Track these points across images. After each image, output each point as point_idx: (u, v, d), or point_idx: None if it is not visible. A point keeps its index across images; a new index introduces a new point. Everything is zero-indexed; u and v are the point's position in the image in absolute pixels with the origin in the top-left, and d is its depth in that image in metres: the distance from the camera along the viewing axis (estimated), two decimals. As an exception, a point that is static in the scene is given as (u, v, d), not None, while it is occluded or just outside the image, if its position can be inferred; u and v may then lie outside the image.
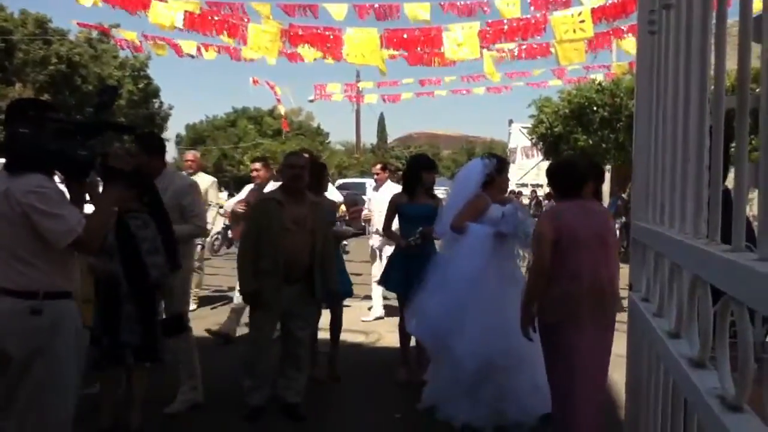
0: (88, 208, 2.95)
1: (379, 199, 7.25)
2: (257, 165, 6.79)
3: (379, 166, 7.98)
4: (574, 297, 3.54)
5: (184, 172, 6.55)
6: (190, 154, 7.72)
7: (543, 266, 3.58)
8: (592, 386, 3.54)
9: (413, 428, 4.43)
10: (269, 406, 4.56)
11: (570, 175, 3.80)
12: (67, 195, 2.87)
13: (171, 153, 46.01)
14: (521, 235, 4.44)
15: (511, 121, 37.56)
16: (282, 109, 22.08)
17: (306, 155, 5.20)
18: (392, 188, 6.96)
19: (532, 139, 22.07)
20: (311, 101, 19.60)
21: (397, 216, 5.46)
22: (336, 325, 5.57)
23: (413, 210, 5.29)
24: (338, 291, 5.12)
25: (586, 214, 3.73)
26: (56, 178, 2.90)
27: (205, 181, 7.16)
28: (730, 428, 1.07)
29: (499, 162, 4.91)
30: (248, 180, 7.16)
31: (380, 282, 6.14)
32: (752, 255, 1.10)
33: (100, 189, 3.03)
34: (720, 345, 1.23)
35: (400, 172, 7.42)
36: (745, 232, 1.20)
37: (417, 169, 5.43)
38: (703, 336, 1.40)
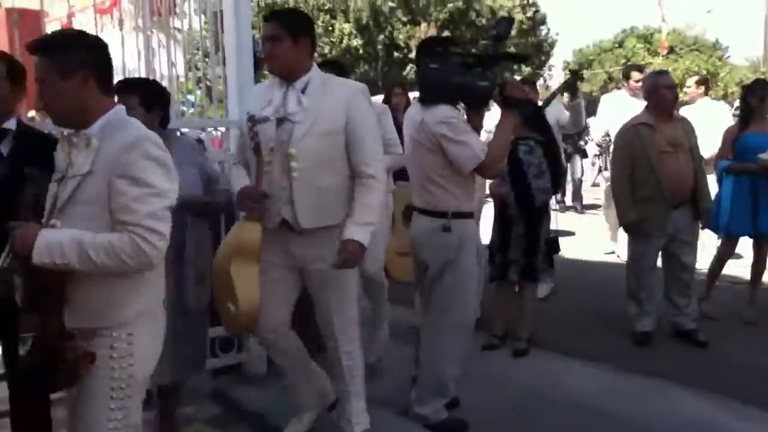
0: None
1: None
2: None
3: None
4: None
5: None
6: None
7: None
8: None
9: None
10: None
11: None
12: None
13: (558, 79, 46.13)
14: None
15: None
16: (665, 28, 20.22)
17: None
18: None
19: None
20: (709, 12, 17.63)
21: None
22: (759, 266, 4.97)
23: None
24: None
25: None
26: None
27: None
28: None
29: None
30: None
31: None
32: None
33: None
34: None
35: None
36: None
37: None
38: None
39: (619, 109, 5.93)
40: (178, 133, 3.34)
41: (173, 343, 2.46)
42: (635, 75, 6.40)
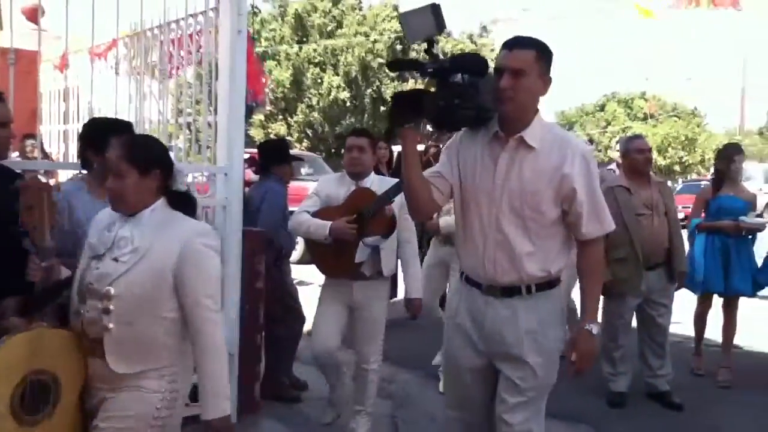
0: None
1: None
2: None
3: None
4: None
5: None
6: None
7: None
8: None
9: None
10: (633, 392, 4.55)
11: None
12: None
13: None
14: None
15: None
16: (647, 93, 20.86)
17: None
18: None
19: None
20: (689, 80, 18.20)
21: None
22: (731, 325, 5.12)
23: None
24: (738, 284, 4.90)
25: None
26: None
27: None
28: None
29: None
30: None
31: None
32: None
33: None
34: None
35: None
36: None
37: None
38: None
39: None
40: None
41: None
42: None
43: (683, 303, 5.40)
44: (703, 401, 4.60)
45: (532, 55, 2.25)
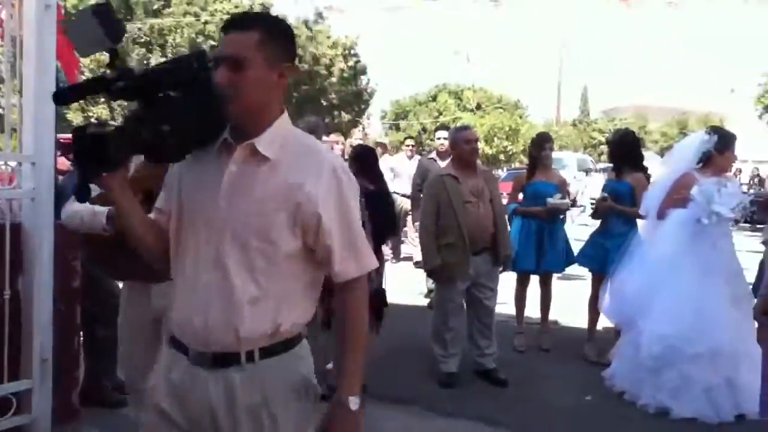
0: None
1: None
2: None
3: None
4: None
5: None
6: None
7: None
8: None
9: (604, 411, 4.32)
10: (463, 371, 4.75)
11: None
12: None
13: (376, 128, 47.87)
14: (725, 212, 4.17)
15: (732, 90, 34.12)
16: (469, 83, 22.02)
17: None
18: None
19: (757, 110, 19.92)
20: (511, 74, 19.38)
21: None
22: (547, 298, 5.64)
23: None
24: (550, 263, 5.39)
25: None
26: None
27: None
28: None
29: (721, 138, 4.53)
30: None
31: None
32: None
33: None
34: None
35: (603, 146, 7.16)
36: None
37: None
38: None
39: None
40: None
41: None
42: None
43: (508, 285, 5.77)
44: (526, 376, 4.91)
45: (254, 39, 1.68)
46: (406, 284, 7.59)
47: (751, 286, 4.59)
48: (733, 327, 4.16)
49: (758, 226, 13.26)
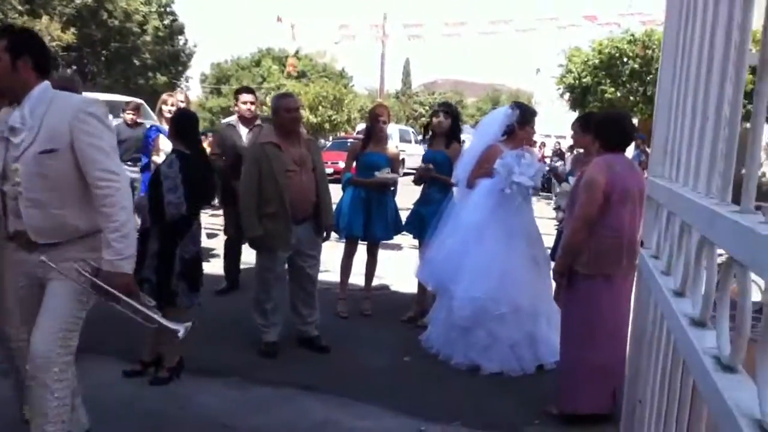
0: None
1: None
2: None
3: None
4: (615, 252, 3.57)
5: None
6: None
7: (591, 215, 3.57)
8: (614, 341, 3.52)
9: (421, 371, 4.51)
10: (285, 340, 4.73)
11: (623, 128, 3.76)
12: None
13: (195, 91, 45.88)
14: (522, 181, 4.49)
15: (538, 70, 36.94)
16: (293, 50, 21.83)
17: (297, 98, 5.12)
18: None
19: (559, 89, 21.67)
20: (337, 43, 19.45)
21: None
22: (372, 265, 5.75)
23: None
24: (378, 232, 5.51)
25: (632, 168, 3.75)
26: None
27: None
28: (720, 387, 1.08)
29: (522, 113, 4.84)
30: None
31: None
32: (759, 217, 1.08)
33: None
34: (720, 306, 1.22)
35: (424, 119, 7.43)
36: (755, 193, 1.18)
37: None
38: (705, 297, 1.40)
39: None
40: None
41: None
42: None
43: (333, 252, 5.80)
44: (347, 341, 4.99)
45: None
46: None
47: (549, 250, 5.04)
48: (533, 286, 4.55)
49: (546, 193, 14.74)
